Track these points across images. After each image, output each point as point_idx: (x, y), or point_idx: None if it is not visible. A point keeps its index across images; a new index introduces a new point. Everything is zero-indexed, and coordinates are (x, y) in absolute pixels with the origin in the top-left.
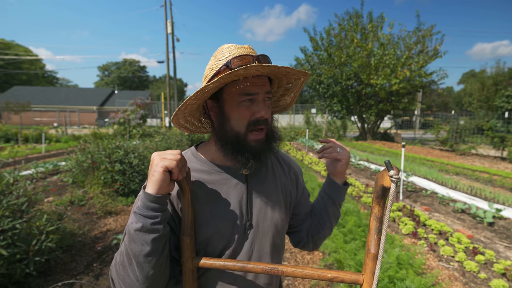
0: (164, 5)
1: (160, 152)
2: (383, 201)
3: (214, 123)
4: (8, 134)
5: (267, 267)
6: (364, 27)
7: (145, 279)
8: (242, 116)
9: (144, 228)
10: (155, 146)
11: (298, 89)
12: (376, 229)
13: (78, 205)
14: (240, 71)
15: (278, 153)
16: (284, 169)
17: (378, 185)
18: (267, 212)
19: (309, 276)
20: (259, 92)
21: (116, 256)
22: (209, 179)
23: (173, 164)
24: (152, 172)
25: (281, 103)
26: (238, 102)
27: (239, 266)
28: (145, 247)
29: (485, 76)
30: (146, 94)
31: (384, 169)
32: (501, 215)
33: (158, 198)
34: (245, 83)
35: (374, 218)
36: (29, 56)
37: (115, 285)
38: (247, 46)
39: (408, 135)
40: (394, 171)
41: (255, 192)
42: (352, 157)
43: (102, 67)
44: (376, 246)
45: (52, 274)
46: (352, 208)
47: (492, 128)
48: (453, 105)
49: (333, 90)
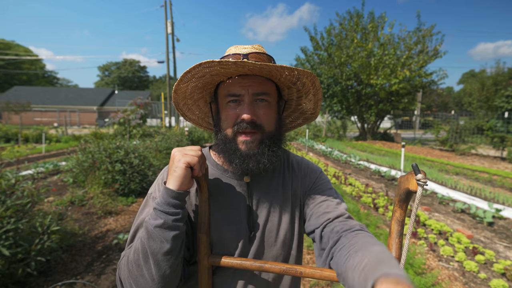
0: (164, 5)
1: (181, 148)
2: (405, 204)
3: (214, 124)
4: (8, 134)
5: (285, 267)
6: (364, 27)
7: (161, 278)
8: (229, 117)
9: (165, 224)
10: (155, 146)
11: (315, 91)
12: (398, 233)
13: (79, 205)
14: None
15: (292, 157)
16: (297, 174)
17: (402, 189)
18: (273, 223)
19: (328, 278)
20: (242, 93)
21: (128, 254)
22: (216, 183)
23: (195, 160)
24: (174, 168)
25: (304, 108)
26: (226, 103)
27: (257, 265)
28: (165, 245)
29: (485, 76)
30: (146, 94)
31: (409, 172)
32: (501, 215)
33: (179, 194)
34: (229, 83)
35: (395, 221)
36: (29, 56)
37: (123, 285)
38: (251, 46)
39: (408, 135)
40: (422, 174)
41: (259, 202)
42: (352, 157)
43: (102, 67)
44: (398, 249)
45: (53, 274)
46: (352, 208)
47: (492, 128)
48: (453, 105)
49: (333, 90)
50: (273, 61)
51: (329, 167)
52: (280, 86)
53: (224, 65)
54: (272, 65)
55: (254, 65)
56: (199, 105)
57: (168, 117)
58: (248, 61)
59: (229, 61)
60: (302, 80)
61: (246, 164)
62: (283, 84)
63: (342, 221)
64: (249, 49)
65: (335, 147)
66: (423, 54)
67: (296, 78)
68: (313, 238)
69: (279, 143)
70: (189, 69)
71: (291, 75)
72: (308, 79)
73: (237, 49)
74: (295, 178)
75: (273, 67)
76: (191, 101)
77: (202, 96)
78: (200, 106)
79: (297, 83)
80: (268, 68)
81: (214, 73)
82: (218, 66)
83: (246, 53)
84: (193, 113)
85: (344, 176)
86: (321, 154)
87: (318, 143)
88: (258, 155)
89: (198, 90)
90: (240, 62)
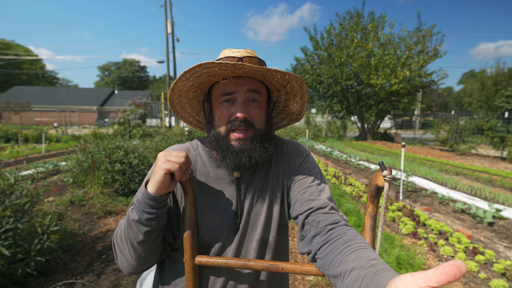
0: (164, 5)
1: (166, 153)
2: (377, 200)
3: (206, 122)
4: (8, 134)
5: (268, 264)
6: (364, 27)
7: (137, 258)
8: (222, 116)
9: (140, 221)
10: (155, 146)
11: (302, 94)
12: (371, 227)
13: (78, 205)
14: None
15: (281, 143)
16: (281, 158)
17: (372, 185)
18: (256, 210)
19: (308, 272)
20: (237, 90)
21: (121, 225)
22: (207, 171)
23: (176, 167)
24: (155, 172)
25: (291, 109)
26: (220, 103)
27: (241, 263)
28: (139, 236)
29: (485, 76)
30: (146, 94)
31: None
32: (501, 215)
33: (155, 198)
34: (224, 83)
35: (368, 216)
36: (29, 56)
37: (115, 249)
38: (244, 50)
39: (408, 135)
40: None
41: (246, 191)
42: (352, 157)
43: (102, 67)
44: (371, 242)
45: (52, 274)
46: (352, 208)
47: (492, 128)
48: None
49: (333, 90)
50: (265, 65)
51: (329, 167)
52: (271, 88)
53: (223, 66)
54: (267, 68)
55: (251, 67)
56: (192, 103)
57: (168, 117)
58: (245, 64)
59: (228, 63)
60: (292, 83)
61: (239, 159)
62: (274, 86)
63: (326, 213)
64: (243, 53)
65: (335, 147)
66: (423, 54)
67: (286, 81)
68: (297, 223)
69: (269, 140)
70: (189, 68)
71: (282, 79)
72: (297, 83)
73: (231, 53)
74: (279, 162)
75: (267, 70)
76: (185, 99)
77: (196, 95)
78: (192, 105)
79: (286, 86)
80: (263, 71)
81: (211, 73)
82: (217, 68)
83: (241, 57)
84: (185, 110)
85: (344, 176)
86: (321, 154)
87: (318, 143)
88: (250, 150)
89: (193, 89)
90: (238, 64)
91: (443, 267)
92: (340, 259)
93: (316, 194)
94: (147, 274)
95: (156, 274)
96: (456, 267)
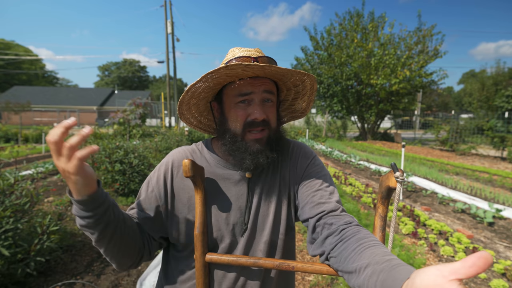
0: (164, 5)
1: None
2: (387, 201)
3: (217, 123)
4: (8, 134)
5: (278, 263)
6: (364, 27)
7: (104, 253)
8: (239, 117)
9: (80, 226)
10: (155, 146)
11: (311, 93)
12: (381, 227)
13: None
14: (222, 69)
15: (288, 144)
16: (288, 160)
17: (383, 186)
18: (264, 210)
19: (318, 271)
20: (254, 91)
21: None
22: (213, 171)
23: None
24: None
25: (296, 107)
26: (235, 104)
27: (251, 262)
28: (91, 236)
29: (485, 76)
30: (146, 94)
31: (390, 171)
32: (501, 215)
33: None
34: (240, 84)
35: (378, 217)
36: (29, 56)
37: None
38: (253, 49)
39: (408, 135)
40: (399, 172)
41: (254, 191)
42: (352, 157)
43: (102, 67)
44: (381, 243)
45: (52, 274)
46: (352, 208)
47: (492, 128)
48: (453, 105)
49: (333, 90)
50: (275, 63)
51: (329, 167)
52: (281, 87)
53: (249, 68)
54: (286, 69)
55: (276, 69)
56: (199, 104)
57: (168, 117)
58: (272, 65)
59: (255, 64)
60: (306, 83)
61: (258, 160)
62: (285, 86)
63: (337, 215)
64: (254, 53)
65: (335, 147)
66: (423, 54)
67: (301, 81)
68: (306, 226)
69: (281, 137)
70: (213, 70)
71: (299, 79)
72: (311, 82)
73: (242, 52)
74: (285, 164)
75: (286, 71)
76: (195, 100)
77: (206, 96)
78: (199, 105)
79: (299, 85)
80: (282, 72)
81: (231, 74)
82: (240, 69)
83: (256, 57)
84: (190, 111)
85: (344, 176)
86: (321, 154)
87: (318, 143)
88: (267, 150)
89: (207, 89)
90: (268, 66)
91: (471, 260)
92: (355, 255)
93: (326, 197)
94: (147, 274)
95: (161, 274)
96: (484, 259)
